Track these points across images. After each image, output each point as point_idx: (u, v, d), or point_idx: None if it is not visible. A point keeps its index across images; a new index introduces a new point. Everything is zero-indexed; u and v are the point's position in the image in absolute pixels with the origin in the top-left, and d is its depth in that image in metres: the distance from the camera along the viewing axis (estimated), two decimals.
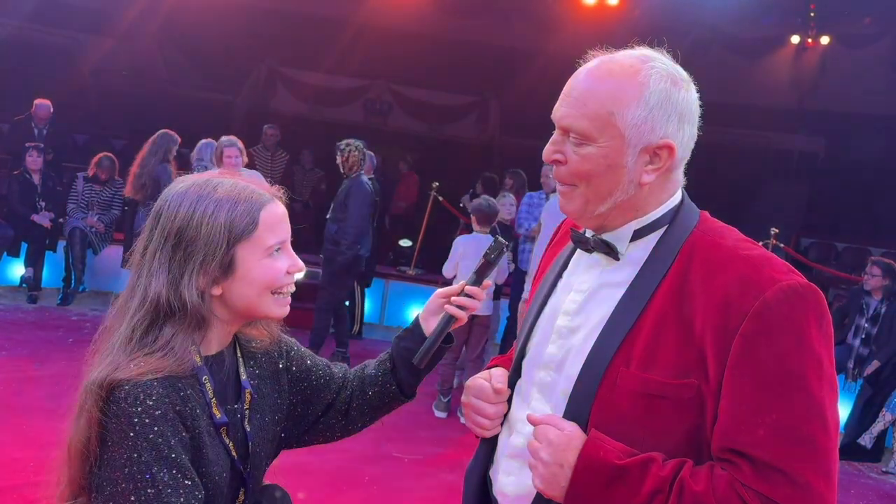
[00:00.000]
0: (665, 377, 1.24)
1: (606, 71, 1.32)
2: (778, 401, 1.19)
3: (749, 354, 1.20)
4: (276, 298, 1.38)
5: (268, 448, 1.48)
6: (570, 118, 1.32)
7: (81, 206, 7.57)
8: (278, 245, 1.37)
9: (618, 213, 1.35)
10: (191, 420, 1.29)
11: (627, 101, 1.29)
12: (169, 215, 1.33)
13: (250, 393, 1.44)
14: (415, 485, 4.39)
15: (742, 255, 1.27)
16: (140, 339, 1.30)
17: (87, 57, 11.39)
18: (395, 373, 1.58)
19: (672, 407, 1.24)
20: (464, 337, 5.64)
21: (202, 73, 12.35)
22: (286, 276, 1.38)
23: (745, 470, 1.19)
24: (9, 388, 5.01)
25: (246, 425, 1.41)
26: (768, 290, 1.21)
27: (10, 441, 4.22)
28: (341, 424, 1.60)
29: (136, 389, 1.24)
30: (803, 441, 1.18)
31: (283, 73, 12.62)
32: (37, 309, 7.23)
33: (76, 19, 11.48)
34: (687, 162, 1.40)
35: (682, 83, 1.33)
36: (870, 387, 6.16)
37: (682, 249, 1.31)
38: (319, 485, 4.20)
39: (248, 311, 1.38)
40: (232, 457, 1.37)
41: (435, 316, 1.57)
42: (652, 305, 1.29)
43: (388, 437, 5.08)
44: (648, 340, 1.27)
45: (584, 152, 1.32)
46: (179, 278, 1.30)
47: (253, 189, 1.37)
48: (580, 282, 1.41)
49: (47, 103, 8.58)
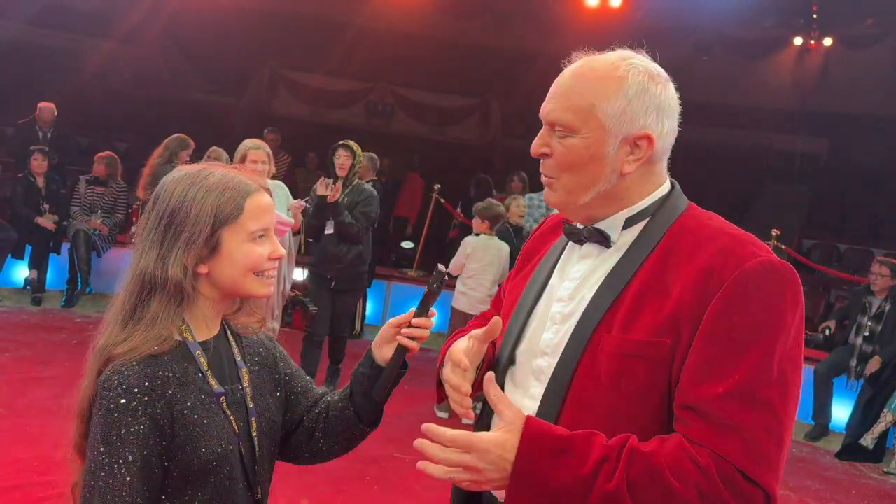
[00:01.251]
0: (641, 336, 1.30)
1: (588, 68, 1.41)
2: (741, 364, 1.24)
3: (720, 319, 1.25)
4: (258, 279, 1.48)
5: (274, 429, 1.55)
6: (556, 112, 1.40)
7: (85, 208, 7.60)
8: (261, 232, 1.47)
9: (603, 203, 1.42)
10: (174, 400, 1.38)
11: (607, 94, 1.37)
12: (164, 198, 1.45)
13: (247, 371, 1.53)
14: (417, 485, 4.40)
15: (727, 231, 1.36)
16: (131, 310, 1.43)
17: (91, 60, 11.44)
18: (353, 400, 1.62)
19: (646, 366, 1.29)
20: None
21: (205, 76, 12.39)
22: (267, 261, 1.48)
23: (697, 426, 1.23)
24: (13, 390, 5.04)
25: (248, 401, 1.50)
26: (748, 262, 1.28)
27: (14, 441, 4.25)
28: (307, 446, 1.64)
29: (114, 375, 1.36)
30: (760, 403, 1.23)
31: (285, 76, 12.66)
32: (41, 311, 7.26)
33: (80, 22, 11.54)
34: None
35: (659, 79, 1.41)
36: (870, 387, 6.16)
37: (670, 229, 1.39)
38: (321, 485, 4.22)
39: (233, 289, 1.48)
40: (234, 428, 1.45)
41: (388, 344, 1.60)
42: (636, 278, 1.36)
43: (390, 438, 5.08)
44: (630, 307, 1.33)
45: (568, 143, 1.39)
46: (168, 254, 1.42)
47: (242, 179, 1.48)
48: (573, 271, 1.47)
49: (51, 106, 8.62)
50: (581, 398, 1.34)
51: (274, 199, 1.55)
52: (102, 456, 1.33)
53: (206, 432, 1.40)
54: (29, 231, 7.53)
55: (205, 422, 1.40)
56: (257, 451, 1.49)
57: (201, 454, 1.39)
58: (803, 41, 11.87)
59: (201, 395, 1.42)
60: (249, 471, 1.48)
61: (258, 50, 12.05)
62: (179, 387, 1.39)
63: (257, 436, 1.50)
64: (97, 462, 1.34)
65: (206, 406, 1.42)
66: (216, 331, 1.51)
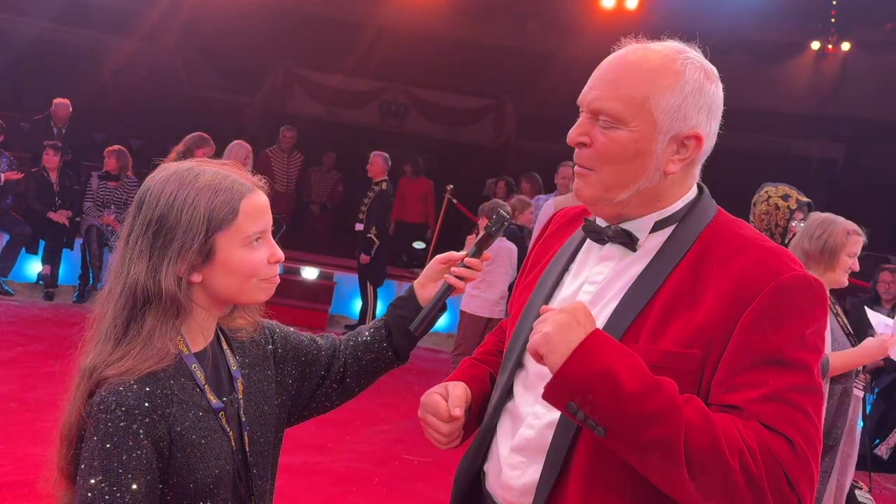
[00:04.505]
0: (670, 347, 1.25)
1: (643, 57, 1.33)
2: (776, 374, 1.21)
3: (754, 330, 1.22)
4: (259, 284, 1.38)
5: (270, 435, 1.48)
6: (602, 100, 1.31)
7: (98, 203, 7.64)
8: (258, 235, 1.37)
9: (638, 202, 1.35)
10: (173, 419, 1.29)
11: (663, 87, 1.30)
12: (150, 202, 1.34)
13: (242, 382, 1.44)
14: (424, 487, 4.38)
15: (760, 243, 1.31)
16: (124, 328, 1.32)
17: (108, 57, 11.51)
18: (391, 339, 1.60)
19: (673, 377, 1.22)
20: (477, 340, 5.63)
21: (220, 75, 12.43)
22: (267, 266, 1.38)
23: (742, 419, 1.20)
24: (24, 384, 5.06)
25: (241, 414, 1.42)
26: (785, 275, 1.25)
27: (24, 436, 4.26)
28: (338, 392, 1.62)
29: (111, 396, 1.26)
30: (800, 411, 1.20)
31: (300, 75, 12.68)
32: (53, 306, 7.30)
33: (98, 20, 11.61)
34: (705, 165, 1.40)
35: (713, 77, 1.36)
36: (882, 402, 6.08)
37: (701, 236, 1.33)
38: (328, 485, 4.20)
39: (230, 297, 1.39)
40: (232, 445, 1.38)
41: (432, 283, 1.60)
42: (665, 287, 1.30)
43: (398, 439, 5.08)
44: (658, 318, 1.28)
45: (613, 135, 1.31)
46: (159, 265, 1.31)
47: (235, 178, 1.37)
48: (594, 273, 1.40)
49: (66, 103, 8.66)
50: None
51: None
52: (102, 484, 1.23)
53: (203, 454, 1.32)
54: (42, 226, 7.57)
55: (202, 442, 1.32)
56: (251, 466, 1.42)
57: (198, 477, 1.31)
58: (821, 45, 11.79)
59: (199, 413, 1.33)
60: (244, 488, 1.41)
61: (274, 49, 12.07)
62: (178, 405, 1.30)
63: (250, 450, 1.42)
64: (95, 492, 1.23)
65: (204, 424, 1.33)
66: (211, 338, 1.42)
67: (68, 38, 11.60)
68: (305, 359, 1.58)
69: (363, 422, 5.23)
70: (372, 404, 5.42)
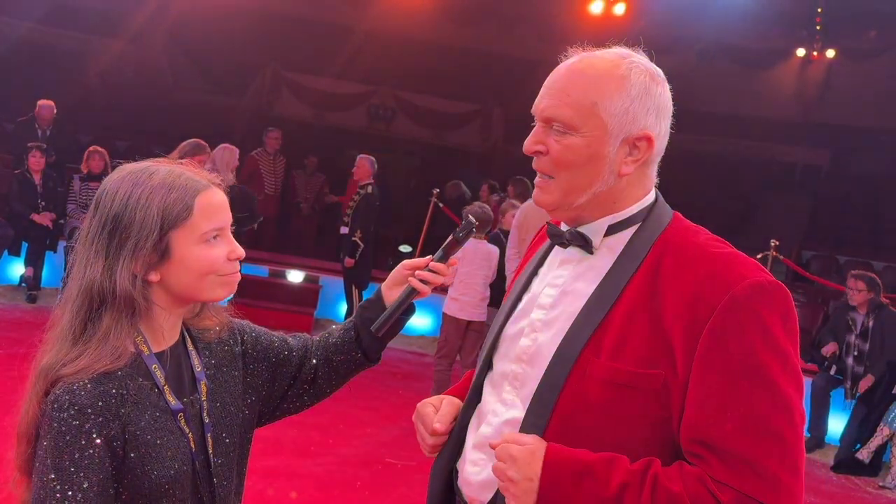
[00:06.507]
0: (633, 367, 1.26)
1: (588, 64, 1.37)
2: (745, 395, 1.21)
3: (717, 348, 1.22)
4: (217, 280, 1.37)
5: (235, 435, 1.47)
6: (553, 108, 1.35)
7: (81, 206, 7.59)
8: (215, 232, 1.37)
9: (595, 206, 1.38)
10: (127, 419, 1.29)
11: (610, 92, 1.33)
12: (106, 202, 1.34)
13: (205, 384, 1.44)
14: (407, 490, 4.37)
15: (712, 252, 1.30)
16: (81, 327, 1.32)
17: (94, 59, 11.45)
18: (360, 341, 1.61)
19: (639, 397, 1.26)
20: (458, 343, 5.63)
21: (207, 77, 12.39)
22: (226, 263, 1.38)
23: (714, 464, 1.20)
24: (4, 387, 4.98)
25: (204, 416, 1.41)
26: (736, 286, 1.24)
27: (3, 439, 4.22)
28: (310, 393, 1.62)
29: (65, 394, 1.26)
30: (770, 435, 1.20)
31: (287, 78, 12.65)
32: (35, 308, 7.24)
33: (84, 21, 11.56)
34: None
35: (658, 78, 1.38)
36: (864, 406, 6.11)
37: (655, 245, 1.34)
38: (310, 489, 4.19)
39: (189, 295, 1.38)
40: (191, 447, 1.37)
41: (398, 286, 1.60)
42: (623, 298, 1.31)
43: (382, 443, 5.07)
44: (618, 332, 1.29)
45: (566, 142, 1.34)
46: (114, 264, 1.31)
47: (189, 176, 1.37)
48: (554, 276, 1.43)
49: (51, 104, 8.60)
50: (568, 422, 1.30)
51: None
52: (54, 483, 1.24)
53: (158, 454, 1.31)
54: (25, 228, 7.52)
55: (158, 442, 1.31)
56: (213, 469, 1.41)
57: (153, 477, 1.30)
58: (806, 52, 11.89)
59: (156, 413, 1.33)
60: (205, 490, 1.40)
61: (260, 51, 12.05)
62: (133, 405, 1.30)
63: (213, 451, 1.41)
64: (47, 489, 1.24)
65: (160, 425, 1.33)
66: (175, 338, 1.42)
67: (54, 39, 11.54)
68: (276, 359, 1.57)
69: (346, 425, 5.21)
70: (355, 408, 5.40)
